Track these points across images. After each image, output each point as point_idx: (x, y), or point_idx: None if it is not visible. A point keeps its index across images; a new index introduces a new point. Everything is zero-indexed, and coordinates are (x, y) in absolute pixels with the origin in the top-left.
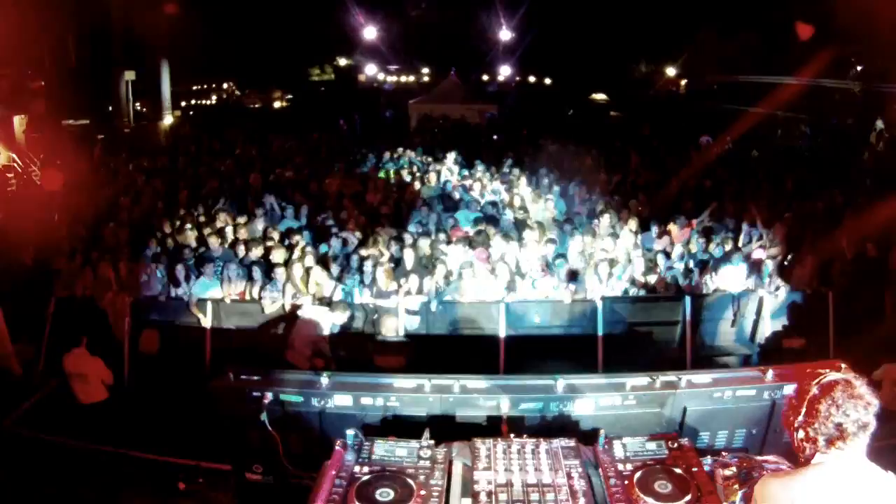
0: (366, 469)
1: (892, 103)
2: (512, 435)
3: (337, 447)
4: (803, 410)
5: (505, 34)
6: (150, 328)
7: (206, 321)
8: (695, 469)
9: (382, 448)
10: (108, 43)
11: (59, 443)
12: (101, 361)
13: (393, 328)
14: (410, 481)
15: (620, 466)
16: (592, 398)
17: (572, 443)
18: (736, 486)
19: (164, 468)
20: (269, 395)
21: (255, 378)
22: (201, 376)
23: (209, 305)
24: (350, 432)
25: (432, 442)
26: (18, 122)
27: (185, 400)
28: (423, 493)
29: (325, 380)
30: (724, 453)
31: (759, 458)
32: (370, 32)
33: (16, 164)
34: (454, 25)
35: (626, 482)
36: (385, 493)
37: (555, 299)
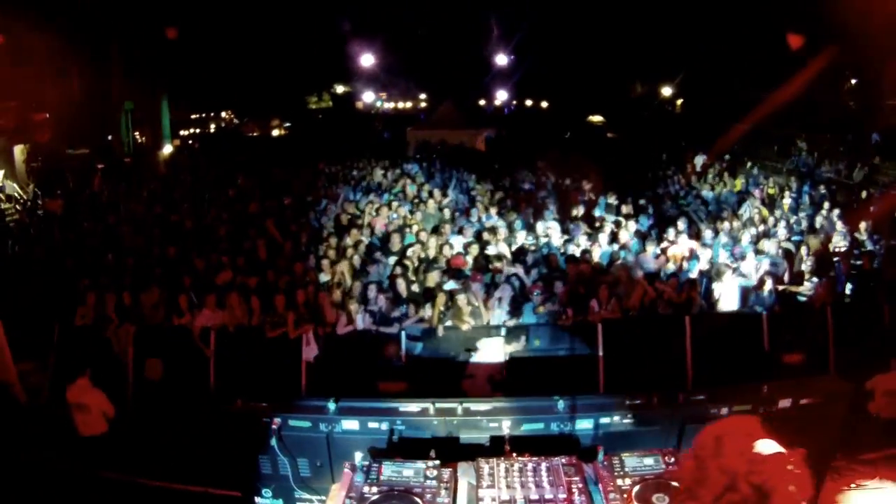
0: (374, 489)
1: (887, 115)
2: (514, 454)
3: (346, 469)
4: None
5: (501, 59)
6: (153, 357)
7: (210, 350)
8: None
9: (390, 469)
10: (108, 73)
11: (65, 470)
12: (104, 394)
13: (395, 353)
14: (418, 500)
15: (619, 482)
16: (592, 417)
17: (573, 460)
18: None
19: (172, 495)
20: (278, 421)
21: (265, 404)
22: (206, 404)
23: (212, 335)
24: (359, 454)
25: (438, 462)
26: (19, 151)
27: (191, 428)
28: None
29: (332, 405)
30: None
31: None
32: (367, 60)
33: (17, 194)
34: (451, 51)
35: (625, 496)
36: None
37: (555, 322)
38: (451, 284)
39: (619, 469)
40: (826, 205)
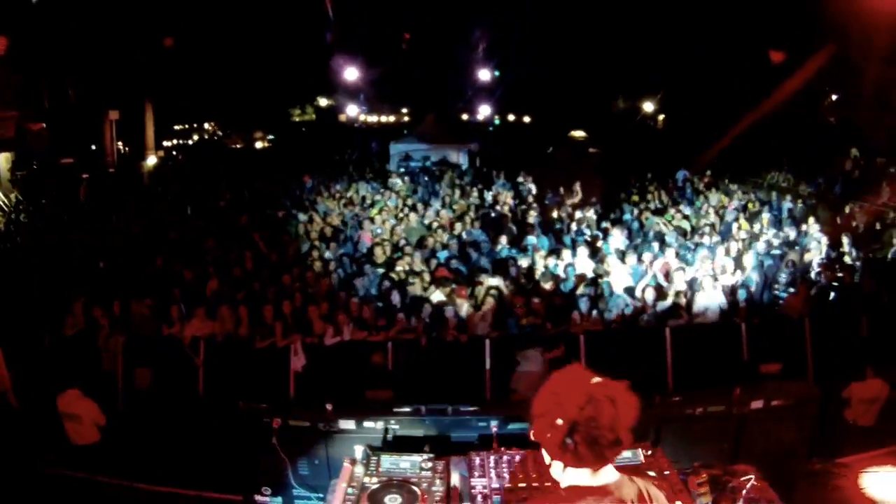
0: (374, 479)
1: (866, 131)
2: (503, 448)
3: (346, 463)
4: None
5: (484, 74)
6: (142, 366)
7: (199, 360)
8: (667, 472)
9: (388, 461)
10: (96, 84)
11: (62, 476)
12: (95, 404)
13: (381, 363)
14: (415, 488)
15: None
16: None
17: None
18: (706, 491)
19: (167, 499)
20: (278, 421)
21: (265, 406)
22: (206, 407)
23: (202, 345)
24: (359, 448)
25: (432, 455)
26: (3, 159)
27: (182, 434)
28: (426, 497)
29: (329, 407)
30: (696, 464)
31: (729, 466)
32: (351, 73)
33: (3, 204)
34: (434, 65)
35: None
36: (393, 499)
37: (538, 334)
38: (437, 296)
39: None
40: (811, 220)
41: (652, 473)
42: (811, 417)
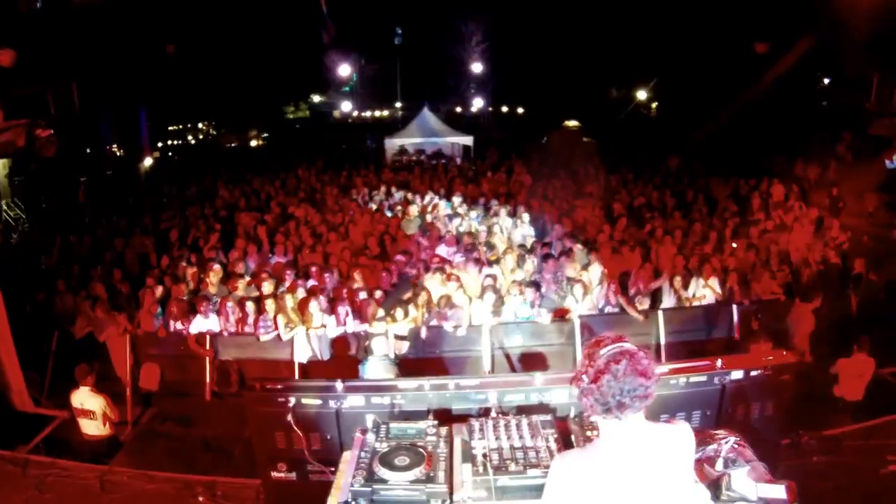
0: (384, 444)
1: (859, 118)
2: (500, 415)
3: (357, 434)
4: (588, 378)
5: (477, 66)
6: (149, 362)
7: (205, 352)
8: None
9: (396, 428)
10: (93, 88)
11: (75, 467)
12: (107, 398)
13: (382, 350)
14: (421, 450)
15: (588, 433)
16: (566, 389)
17: (548, 417)
18: None
19: (182, 486)
20: (292, 400)
21: (280, 387)
22: (206, 403)
23: (208, 339)
24: (370, 417)
25: (437, 422)
26: (1, 166)
27: (191, 426)
28: (431, 458)
29: (339, 385)
30: None
31: (711, 431)
32: (344, 70)
33: (7, 215)
34: (426, 59)
35: None
36: (402, 460)
37: (535, 320)
38: (433, 284)
39: (588, 424)
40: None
41: None
42: (790, 387)
